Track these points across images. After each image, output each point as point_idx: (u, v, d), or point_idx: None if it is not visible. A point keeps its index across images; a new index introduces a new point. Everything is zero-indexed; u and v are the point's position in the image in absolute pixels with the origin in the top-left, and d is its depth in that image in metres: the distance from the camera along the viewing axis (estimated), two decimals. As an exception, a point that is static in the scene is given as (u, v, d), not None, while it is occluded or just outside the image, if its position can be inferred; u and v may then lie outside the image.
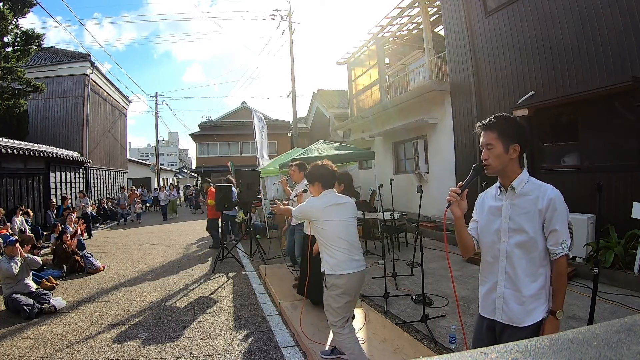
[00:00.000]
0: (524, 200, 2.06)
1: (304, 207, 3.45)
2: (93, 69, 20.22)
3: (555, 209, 1.99)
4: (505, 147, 2.06)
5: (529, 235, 2.02)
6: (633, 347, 0.62)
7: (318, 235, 3.35)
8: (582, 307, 4.80)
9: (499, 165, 2.08)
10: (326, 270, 3.27)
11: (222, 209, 8.82)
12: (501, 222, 2.12)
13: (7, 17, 13.41)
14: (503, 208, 2.13)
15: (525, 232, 2.03)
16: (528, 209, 2.04)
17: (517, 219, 2.06)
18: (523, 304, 2.05)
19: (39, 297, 5.69)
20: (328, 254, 3.29)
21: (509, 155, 2.06)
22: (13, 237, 6.40)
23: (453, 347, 3.97)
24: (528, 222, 2.03)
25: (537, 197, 2.03)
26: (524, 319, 2.06)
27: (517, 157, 2.09)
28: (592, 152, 6.91)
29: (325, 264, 3.30)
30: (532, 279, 2.05)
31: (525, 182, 2.08)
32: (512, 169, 2.10)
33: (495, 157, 2.08)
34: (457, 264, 7.26)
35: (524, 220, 2.04)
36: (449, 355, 0.66)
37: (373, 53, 14.88)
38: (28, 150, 12.71)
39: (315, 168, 3.52)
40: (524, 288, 2.05)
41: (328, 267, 3.27)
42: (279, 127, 31.33)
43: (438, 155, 11.31)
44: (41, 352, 4.23)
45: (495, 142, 2.07)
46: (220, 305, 5.80)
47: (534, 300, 2.05)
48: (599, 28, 6.54)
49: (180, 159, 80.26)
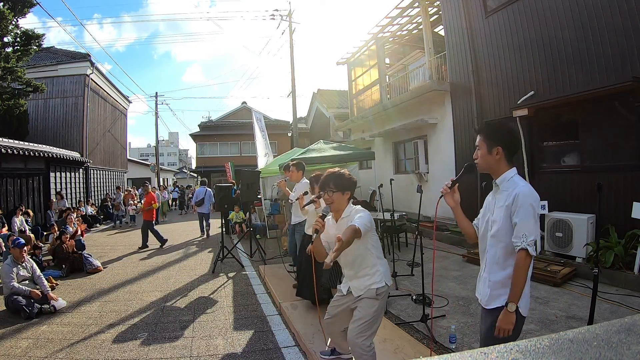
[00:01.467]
0: (502, 195, 2.32)
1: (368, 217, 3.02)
2: (93, 69, 20.21)
3: (519, 203, 2.18)
4: (489, 149, 2.35)
5: (498, 226, 2.27)
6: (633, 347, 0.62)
7: (371, 245, 3.12)
8: (582, 307, 4.80)
9: (485, 164, 2.39)
10: (386, 281, 3.08)
11: (222, 209, 8.82)
12: (489, 215, 2.39)
13: (7, 17, 13.42)
14: (490, 202, 2.43)
15: (496, 223, 2.29)
16: (502, 203, 2.29)
17: (495, 212, 2.33)
18: (490, 288, 2.32)
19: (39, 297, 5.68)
20: (382, 264, 3.14)
21: (493, 156, 2.34)
22: (22, 240, 6.26)
23: (453, 347, 3.97)
24: (499, 214, 2.28)
25: (509, 194, 2.26)
26: (490, 302, 2.32)
27: (502, 158, 2.34)
28: (592, 152, 6.91)
29: (380, 275, 3.08)
30: (500, 267, 2.29)
31: (507, 180, 2.33)
32: (497, 168, 2.36)
33: (481, 157, 2.40)
34: (457, 264, 7.26)
35: (497, 212, 2.30)
36: (449, 355, 0.66)
37: (373, 53, 14.88)
38: (28, 150, 12.71)
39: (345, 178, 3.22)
40: (492, 274, 2.33)
41: (386, 278, 3.09)
42: (279, 127, 31.30)
43: (438, 155, 11.31)
44: (41, 352, 4.23)
45: (481, 144, 2.39)
46: (220, 305, 5.80)
47: (499, 287, 2.28)
48: (599, 28, 6.54)
49: (180, 159, 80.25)
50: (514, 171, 2.35)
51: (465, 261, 7.40)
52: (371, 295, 3.04)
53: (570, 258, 6.45)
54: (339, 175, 3.19)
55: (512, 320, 2.16)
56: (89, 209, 16.80)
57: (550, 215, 6.80)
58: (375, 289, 3.03)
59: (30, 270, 5.97)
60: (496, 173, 2.37)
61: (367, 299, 3.06)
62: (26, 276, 5.84)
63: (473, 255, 7.03)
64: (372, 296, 3.04)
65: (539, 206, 2.25)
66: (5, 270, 5.66)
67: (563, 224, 6.57)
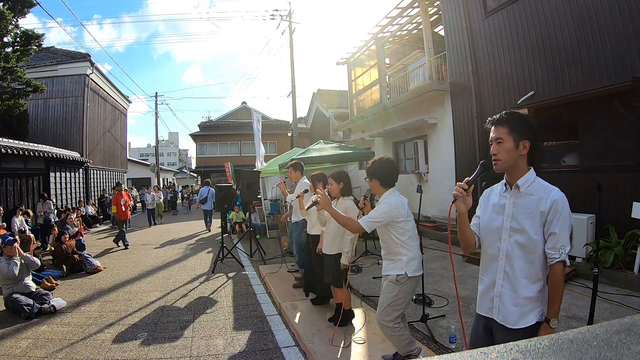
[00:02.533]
0: (528, 200, 2.02)
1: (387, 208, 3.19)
2: (93, 69, 20.22)
3: (558, 211, 1.93)
4: (516, 143, 2.02)
5: (529, 236, 1.98)
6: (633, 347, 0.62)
7: (396, 235, 3.25)
8: (582, 307, 4.80)
9: (509, 161, 2.05)
10: (406, 271, 3.21)
11: (222, 209, 8.82)
12: (503, 220, 2.08)
13: (7, 17, 13.41)
14: (506, 206, 2.08)
15: (525, 233, 1.99)
16: (531, 209, 2.00)
17: (519, 219, 2.02)
18: (518, 305, 2.01)
19: (39, 297, 5.68)
20: (409, 255, 3.25)
21: (519, 151, 2.03)
22: (11, 237, 6.37)
23: (453, 347, 3.97)
24: (529, 222, 1.99)
25: (540, 198, 1.99)
26: (518, 321, 2.02)
27: (526, 155, 2.06)
28: (592, 152, 6.91)
29: (401, 263, 3.24)
30: (530, 281, 2.00)
31: (531, 182, 2.05)
32: (520, 166, 2.07)
33: (505, 152, 2.04)
34: (457, 264, 7.26)
35: (526, 220, 2.00)
36: (449, 355, 0.66)
37: (373, 53, 14.88)
38: (28, 150, 12.71)
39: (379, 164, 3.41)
40: (521, 289, 2.01)
41: (407, 268, 3.22)
42: (279, 127, 31.32)
43: (438, 155, 11.31)
44: (41, 352, 4.23)
45: (506, 137, 2.03)
46: (220, 305, 5.80)
47: (529, 303, 2.01)
48: (599, 28, 6.54)
49: (180, 159, 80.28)
50: (534, 172, 2.09)
51: (465, 261, 7.39)
52: (392, 280, 3.26)
53: (570, 258, 6.45)
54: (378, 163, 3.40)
55: None
56: (89, 208, 16.80)
57: (550, 215, 6.79)
58: (395, 275, 3.24)
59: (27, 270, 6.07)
60: (517, 172, 2.07)
61: (389, 282, 3.28)
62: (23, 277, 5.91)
63: (473, 255, 7.03)
64: (392, 281, 3.25)
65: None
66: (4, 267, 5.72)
67: (563, 224, 6.55)
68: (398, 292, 3.22)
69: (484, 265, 2.24)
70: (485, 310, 2.17)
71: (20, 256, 5.99)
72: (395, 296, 3.22)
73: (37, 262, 6.32)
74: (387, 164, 3.41)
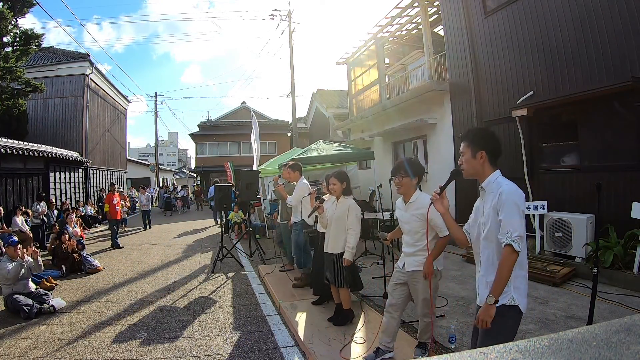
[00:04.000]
0: (488, 197, 2.37)
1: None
2: (92, 69, 20.18)
3: (503, 201, 2.23)
4: (473, 154, 2.41)
5: (488, 227, 2.32)
6: (632, 347, 0.62)
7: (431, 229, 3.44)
8: (581, 307, 4.80)
9: (470, 169, 2.44)
10: (438, 267, 3.55)
11: (221, 209, 8.81)
12: (479, 218, 2.44)
13: (6, 17, 13.40)
14: (479, 206, 2.48)
15: (487, 225, 2.33)
16: (489, 204, 2.33)
17: (484, 214, 2.37)
18: (487, 288, 2.31)
19: (39, 298, 5.68)
20: None
21: (477, 160, 2.40)
22: (15, 238, 6.34)
23: (452, 347, 3.97)
24: (488, 216, 2.32)
25: (494, 194, 2.31)
26: None
27: (485, 161, 2.40)
28: (591, 152, 6.91)
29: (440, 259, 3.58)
30: (495, 267, 2.28)
31: (492, 182, 2.38)
32: (482, 172, 2.42)
33: (466, 161, 2.45)
34: (457, 264, 7.27)
35: (487, 214, 2.34)
36: (448, 355, 0.66)
37: (372, 53, 14.87)
38: (27, 150, 12.70)
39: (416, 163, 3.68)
40: (488, 275, 2.35)
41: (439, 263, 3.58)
42: (278, 127, 31.32)
43: (437, 155, 11.31)
44: (40, 352, 4.23)
45: (466, 150, 2.45)
46: (220, 305, 5.80)
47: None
48: (598, 28, 6.54)
49: (180, 159, 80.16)
50: (498, 173, 2.41)
51: (465, 261, 7.40)
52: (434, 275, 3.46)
53: (570, 258, 6.46)
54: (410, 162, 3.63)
55: (492, 313, 2.22)
56: (88, 209, 16.78)
57: (550, 215, 6.81)
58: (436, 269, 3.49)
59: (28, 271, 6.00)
60: (482, 177, 2.43)
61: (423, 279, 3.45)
62: (25, 276, 5.86)
63: (472, 255, 7.04)
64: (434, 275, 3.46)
65: (523, 203, 2.27)
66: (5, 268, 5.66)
67: (562, 223, 6.57)
68: (435, 285, 3.53)
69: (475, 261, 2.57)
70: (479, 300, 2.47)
71: (22, 258, 5.93)
72: (434, 288, 3.49)
73: (41, 265, 6.28)
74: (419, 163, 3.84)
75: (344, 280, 4.50)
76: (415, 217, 3.49)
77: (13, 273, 5.62)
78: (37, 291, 5.91)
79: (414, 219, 3.51)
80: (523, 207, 2.26)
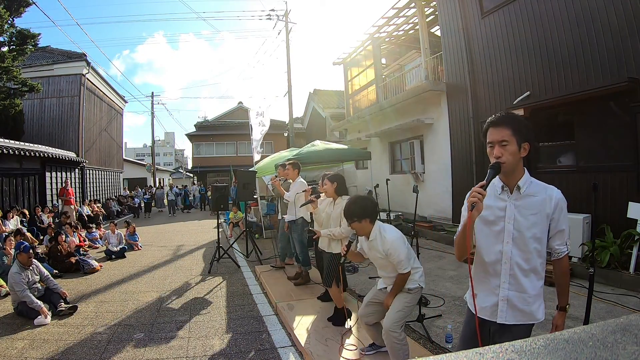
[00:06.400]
0: (530, 201, 2.03)
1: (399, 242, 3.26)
2: (89, 69, 20.12)
3: (562, 209, 2.03)
4: (519, 145, 2.00)
5: (536, 236, 2.02)
6: (629, 347, 0.62)
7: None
8: (578, 306, 4.80)
9: (513, 162, 2.01)
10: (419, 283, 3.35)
11: (218, 209, 8.80)
12: (505, 223, 2.07)
13: (2, 17, 13.36)
14: (507, 208, 2.06)
15: (532, 233, 2.02)
16: (535, 210, 2.01)
17: (523, 220, 2.03)
18: (529, 304, 2.07)
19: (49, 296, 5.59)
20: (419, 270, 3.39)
21: (521, 153, 2.02)
22: (27, 244, 6.09)
23: (449, 347, 3.97)
24: (535, 223, 2.02)
25: (544, 199, 2.02)
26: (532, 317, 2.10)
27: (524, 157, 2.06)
28: (588, 152, 6.94)
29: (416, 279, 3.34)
30: (539, 276, 2.08)
31: (529, 183, 2.06)
32: (520, 167, 2.06)
33: (510, 154, 1.99)
34: (453, 264, 7.27)
35: (532, 221, 2.02)
36: (445, 355, 0.66)
37: (369, 53, 14.90)
38: (24, 150, 12.66)
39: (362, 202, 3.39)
40: (531, 288, 2.06)
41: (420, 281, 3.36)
42: (275, 127, 31.15)
43: (434, 156, 11.33)
44: (37, 352, 4.21)
45: (510, 139, 1.99)
46: (216, 305, 5.79)
47: (537, 299, 2.09)
48: (595, 29, 6.56)
49: (177, 159, 79.99)
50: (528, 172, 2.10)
51: (463, 261, 7.40)
52: (405, 291, 3.32)
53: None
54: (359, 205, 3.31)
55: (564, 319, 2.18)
56: (85, 209, 16.72)
57: (546, 215, 6.82)
58: (409, 289, 3.31)
59: (38, 272, 5.80)
60: (516, 174, 2.06)
61: (401, 292, 3.33)
62: (35, 279, 5.66)
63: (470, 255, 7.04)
64: (405, 291, 3.32)
65: None
66: (16, 279, 5.39)
67: (559, 223, 6.58)
68: (410, 300, 3.33)
69: (482, 268, 2.24)
70: (489, 315, 2.18)
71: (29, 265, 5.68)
72: (408, 303, 3.32)
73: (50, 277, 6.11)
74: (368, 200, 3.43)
75: (331, 278, 4.51)
76: (378, 256, 3.34)
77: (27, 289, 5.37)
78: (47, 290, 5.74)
79: (377, 257, 3.36)
80: None
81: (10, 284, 5.49)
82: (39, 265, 5.95)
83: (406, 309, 3.31)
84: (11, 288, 5.50)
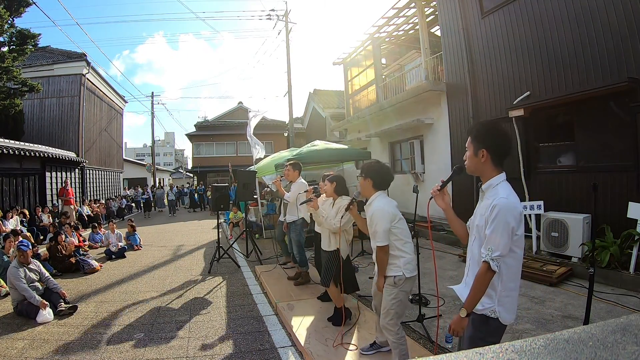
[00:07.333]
0: (485, 203, 2.20)
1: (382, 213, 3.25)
2: (89, 69, 20.14)
3: (493, 216, 2.08)
4: (475, 151, 2.22)
5: (479, 234, 2.20)
6: (628, 347, 0.62)
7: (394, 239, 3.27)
8: (578, 306, 4.81)
9: (472, 166, 2.27)
10: (404, 271, 3.25)
11: (218, 209, 8.79)
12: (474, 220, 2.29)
13: (2, 17, 13.36)
14: (476, 207, 2.33)
15: (478, 231, 2.21)
16: (483, 211, 2.19)
17: (478, 218, 2.22)
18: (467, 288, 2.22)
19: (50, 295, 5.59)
20: (406, 257, 3.29)
21: (478, 158, 2.21)
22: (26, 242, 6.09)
23: (449, 347, 3.97)
24: (480, 223, 2.19)
25: (489, 203, 2.13)
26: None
27: (487, 161, 2.20)
28: (587, 152, 6.93)
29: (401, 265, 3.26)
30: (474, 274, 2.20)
31: (493, 187, 2.19)
32: (484, 171, 2.23)
33: (469, 158, 2.27)
34: (454, 264, 7.28)
35: (479, 220, 2.20)
36: (445, 355, 0.66)
37: (369, 53, 14.89)
38: (24, 150, 12.67)
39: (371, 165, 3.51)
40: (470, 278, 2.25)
41: (404, 269, 3.26)
42: (275, 127, 31.28)
43: (434, 156, 11.33)
44: (37, 352, 4.21)
45: (469, 146, 2.27)
46: (216, 305, 5.79)
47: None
48: (595, 29, 6.56)
49: (177, 159, 79.98)
50: (501, 177, 2.20)
51: (462, 261, 7.40)
52: (389, 283, 3.27)
53: (566, 258, 6.48)
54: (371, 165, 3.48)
55: (464, 325, 2.16)
56: (85, 209, 16.72)
57: (546, 215, 6.83)
58: (393, 277, 3.24)
59: (38, 272, 5.81)
60: (484, 177, 2.25)
61: (387, 286, 3.30)
62: (34, 278, 5.66)
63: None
64: (390, 283, 3.27)
65: (517, 220, 2.08)
66: (14, 273, 5.43)
67: (559, 223, 6.59)
68: (397, 294, 3.26)
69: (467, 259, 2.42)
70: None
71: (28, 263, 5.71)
72: (395, 298, 3.25)
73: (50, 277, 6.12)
74: (384, 167, 3.50)
75: (329, 278, 4.50)
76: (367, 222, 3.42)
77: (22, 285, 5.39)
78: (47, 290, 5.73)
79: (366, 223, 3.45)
80: (515, 224, 2.07)
81: (9, 279, 5.52)
82: (39, 265, 5.95)
83: (395, 306, 3.25)
84: (10, 284, 5.53)
